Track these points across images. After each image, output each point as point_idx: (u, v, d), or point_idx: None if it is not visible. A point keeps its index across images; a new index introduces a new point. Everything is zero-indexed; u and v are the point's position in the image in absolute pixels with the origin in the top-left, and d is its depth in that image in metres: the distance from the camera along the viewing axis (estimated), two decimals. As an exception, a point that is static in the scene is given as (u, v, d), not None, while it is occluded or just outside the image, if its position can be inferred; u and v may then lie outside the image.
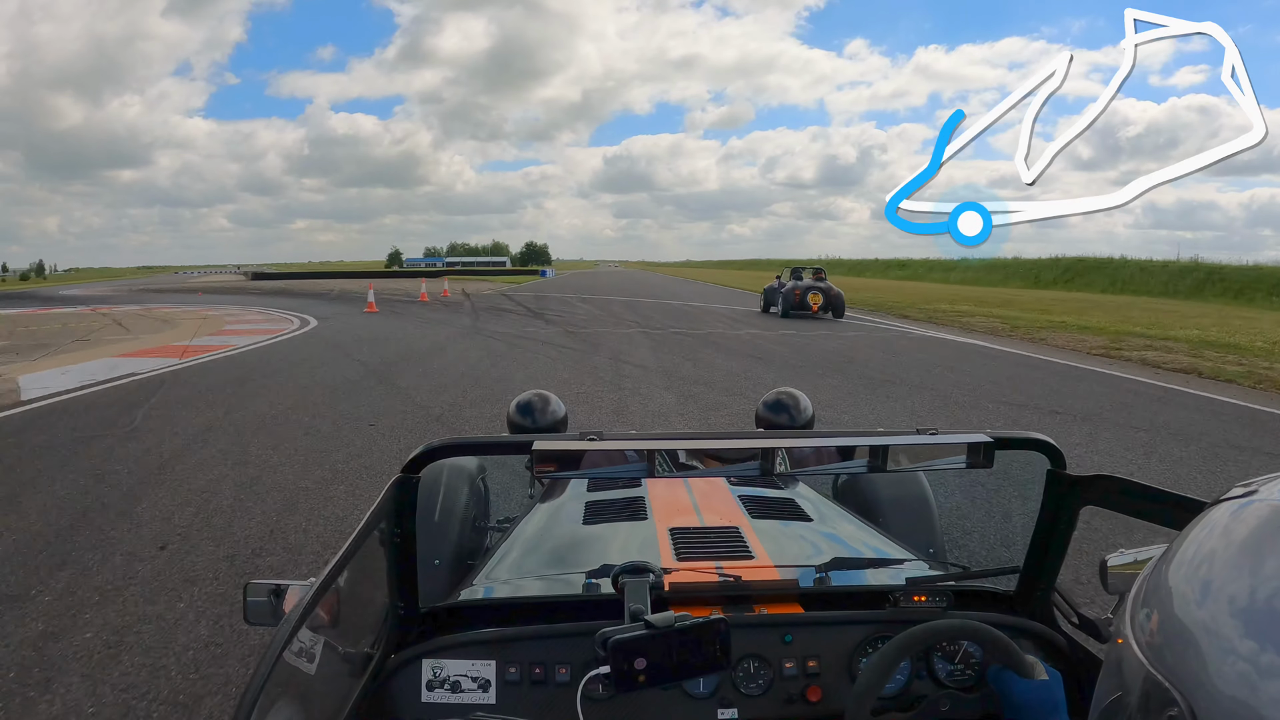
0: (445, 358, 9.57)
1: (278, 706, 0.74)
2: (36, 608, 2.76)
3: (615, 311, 18.30)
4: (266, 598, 1.00)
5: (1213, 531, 0.53)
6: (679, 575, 1.31)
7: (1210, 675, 0.44)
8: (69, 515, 3.76)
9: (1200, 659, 0.45)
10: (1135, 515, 1.06)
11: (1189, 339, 12.17)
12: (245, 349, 10.54)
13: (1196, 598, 0.49)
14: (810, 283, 17.12)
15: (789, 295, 16.71)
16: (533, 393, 2.61)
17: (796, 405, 2.54)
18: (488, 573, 1.65)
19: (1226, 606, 0.47)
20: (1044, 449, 1.16)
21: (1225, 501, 0.54)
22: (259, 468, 4.61)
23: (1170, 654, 0.48)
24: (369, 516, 1.00)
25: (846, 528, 1.80)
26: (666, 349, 10.67)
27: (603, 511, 1.75)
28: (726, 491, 1.85)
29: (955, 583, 1.30)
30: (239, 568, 3.14)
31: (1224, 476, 4.58)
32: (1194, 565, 0.52)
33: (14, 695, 2.22)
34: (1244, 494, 0.54)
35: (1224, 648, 0.45)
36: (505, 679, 1.14)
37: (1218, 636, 0.46)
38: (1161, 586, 0.53)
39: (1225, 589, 0.48)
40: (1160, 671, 0.47)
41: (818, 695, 1.17)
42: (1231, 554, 0.50)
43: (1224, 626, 0.46)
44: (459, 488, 2.13)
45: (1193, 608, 0.49)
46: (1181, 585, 0.51)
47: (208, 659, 2.41)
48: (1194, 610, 0.49)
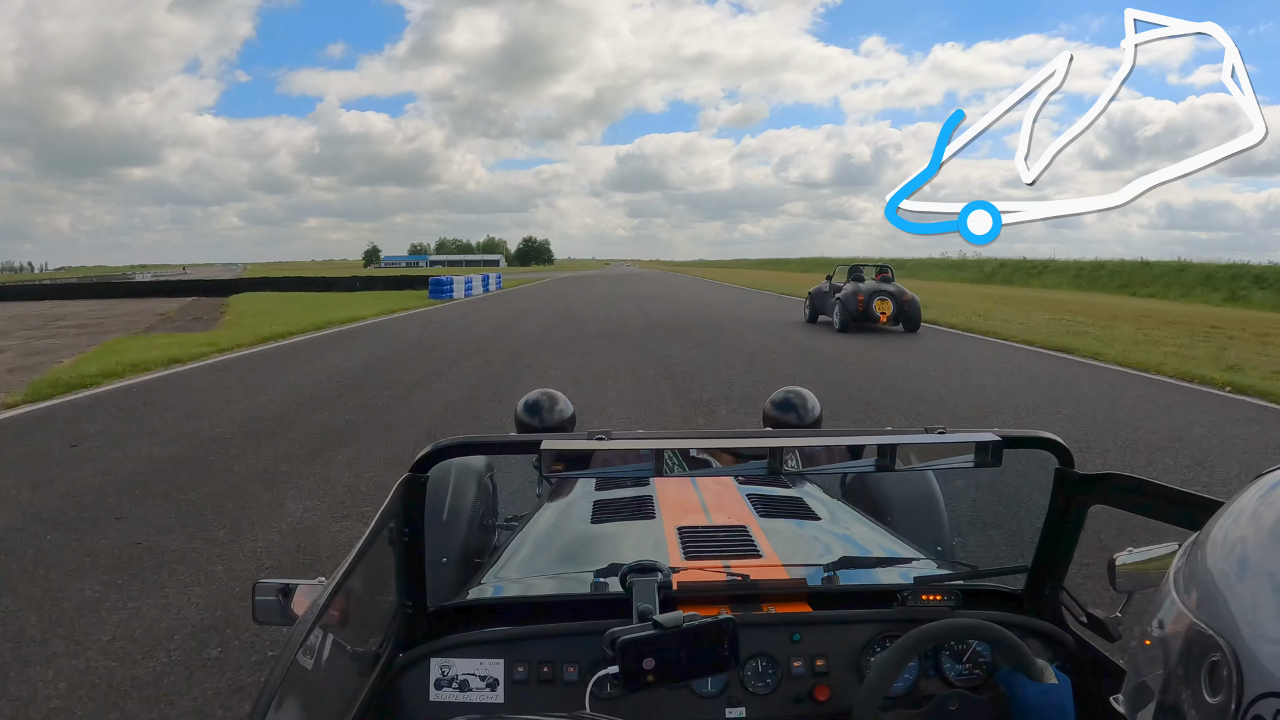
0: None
1: (288, 705, 0.74)
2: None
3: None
4: (275, 597, 1.01)
5: (1258, 493, 0.54)
6: (687, 574, 1.31)
7: (1254, 617, 0.45)
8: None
9: (1241, 602, 0.47)
10: (1144, 514, 1.05)
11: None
12: None
13: (1241, 551, 0.51)
14: (875, 285, 13.36)
15: (849, 302, 13.00)
16: (540, 392, 2.62)
17: (804, 404, 2.53)
18: (496, 572, 1.65)
19: (1269, 551, 0.48)
20: (1052, 448, 1.17)
21: (1272, 472, 0.56)
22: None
23: (1214, 604, 0.49)
24: (379, 516, 1.01)
25: (855, 527, 1.80)
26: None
27: (611, 510, 1.76)
28: (735, 490, 1.85)
29: (963, 582, 1.30)
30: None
31: None
32: (1236, 524, 0.53)
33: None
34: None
35: (1265, 589, 0.46)
36: (513, 678, 1.14)
37: (1260, 579, 0.47)
38: (1208, 544, 0.54)
39: (1267, 538, 0.49)
40: (1203, 619, 0.49)
41: (826, 694, 1.17)
42: (1276, 508, 0.51)
43: (1266, 570, 0.47)
44: (467, 486, 2.13)
45: (1237, 560, 0.50)
46: (1226, 541, 0.53)
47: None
48: (1239, 562, 0.50)
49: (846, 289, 13.49)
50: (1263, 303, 23.34)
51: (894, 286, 13.39)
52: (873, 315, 12.99)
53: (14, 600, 3.14)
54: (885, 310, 13.03)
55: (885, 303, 13.06)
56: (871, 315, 12.99)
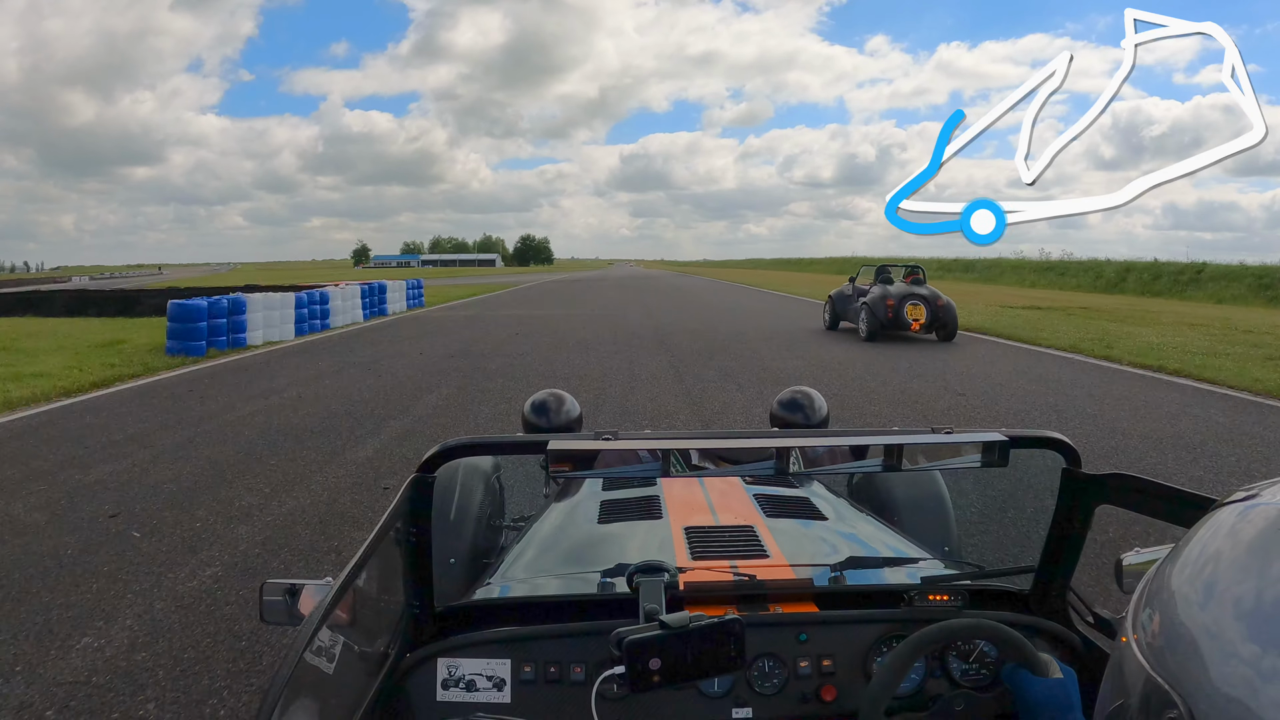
0: None
1: (296, 705, 0.75)
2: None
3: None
4: (282, 597, 1.01)
5: (1216, 534, 0.53)
6: (694, 574, 1.31)
7: (1211, 678, 0.44)
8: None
9: (1201, 662, 0.45)
10: (1150, 514, 1.05)
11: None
12: None
13: (1199, 600, 0.49)
14: (906, 288, 11.84)
15: (877, 307, 11.55)
16: (547, 392, 2.62)
17: (811, 404, 2.53)
18: (503, 572, 1.65)
19: (1230, 610, 0.47)
20: (1059, 447, 1.16)
21: (1229, 505, 0.54)
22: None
23: (1171, 657, 0.48)
24: (386, 517, 1.01)
25: (862, 526, 1.80)
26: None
27: (618, 510, 1.76)
28: (742, 490, 1.85)
29: (970, 582, 1.30)
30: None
31: None
32: (1197, 568, 0.52)
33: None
34: (1246, 497, 0.54)
35: (1225, 651, 0.45)
36: (520, 678, 1.14)
37: (1220, 639, 0.45)
38: (1164, 589, 0.53)
39: (1228, 592, 0.48)
40: (1161, 674, 0.47)
41: (832, 694, 1.17)
42: (1235, 557, 0.50)
43: (1226, 630, 0.46)
44: (474, 487, 2.13)
45: (1195, 610, 0.49)
46: (1184, 588, 0.51)
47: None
48: (1196, 613, 0.49)
49: (874, 292, 11.90)
50: None
51: (926, 289, 11.82)
52: (904, 322, 11.44)
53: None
54: (918, 317, 11.44)
55: (918, 308, 11.49)
56: (902, 322, 11.44)
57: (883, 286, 12.08)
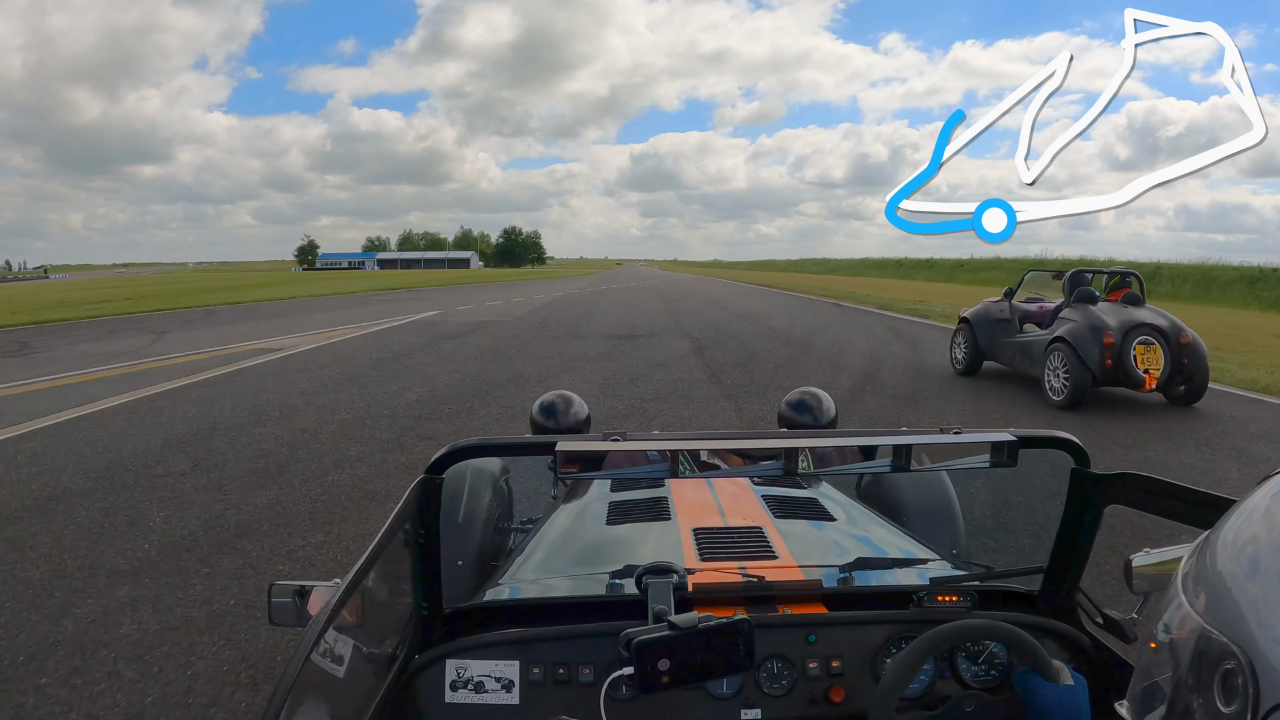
0: None
1: (304, 707, 0.74)
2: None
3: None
4: (291, 599, 1.00)
5: (1270, 492, 0.53)
6: (702, 575, 1.31)
7: (1269, 621, 0.44)
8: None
9: (1255, 607, 0.46)
10: (1161, 514, 1.04)
11: None
12: None
13: (1252, 551, 0.50)
14: (1127, 314, 6.45)
15: (1087, 347, 6.26)
16: (555, 394, 2.61)
17: (820, 405, 2.51)
18: (511, 573, 1.65)
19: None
20: (1068, 448, 1.16)
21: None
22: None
23: (1225, 608, 0.48)
24: (393, 518, 1.01)
25: (870, 527, 1.80)
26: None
27: (626, 512, 1.75)
28: (750, 491, 1.84)
29: (979, 583, 1.30)
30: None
31: None
32: (1248, 523, 0.52)
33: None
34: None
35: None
36: (529, 679, 1.14)
37: (1273, 581, 0.46)
38: (1217, 545, 0.53)
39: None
40: (1216, 626, 0.47)
41: (841, 696, 1.17)
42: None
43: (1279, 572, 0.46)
44: (482, 488, 2.12)
45: (1247, 560, 0.49)
46: (1236, 541, 0.52)
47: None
48: (1249, 562, 0.49)
49: (1071, 321, 6.60)
50: None
51: (1160, 316, 6.61)
52: (1131, 376, 6.23)
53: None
54: (1152, 366, 6.28)
55: (1152, 350, 6.29)
56: (1130, 375, 6.23)
57: (1083, 309, 6.65)
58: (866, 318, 15.53)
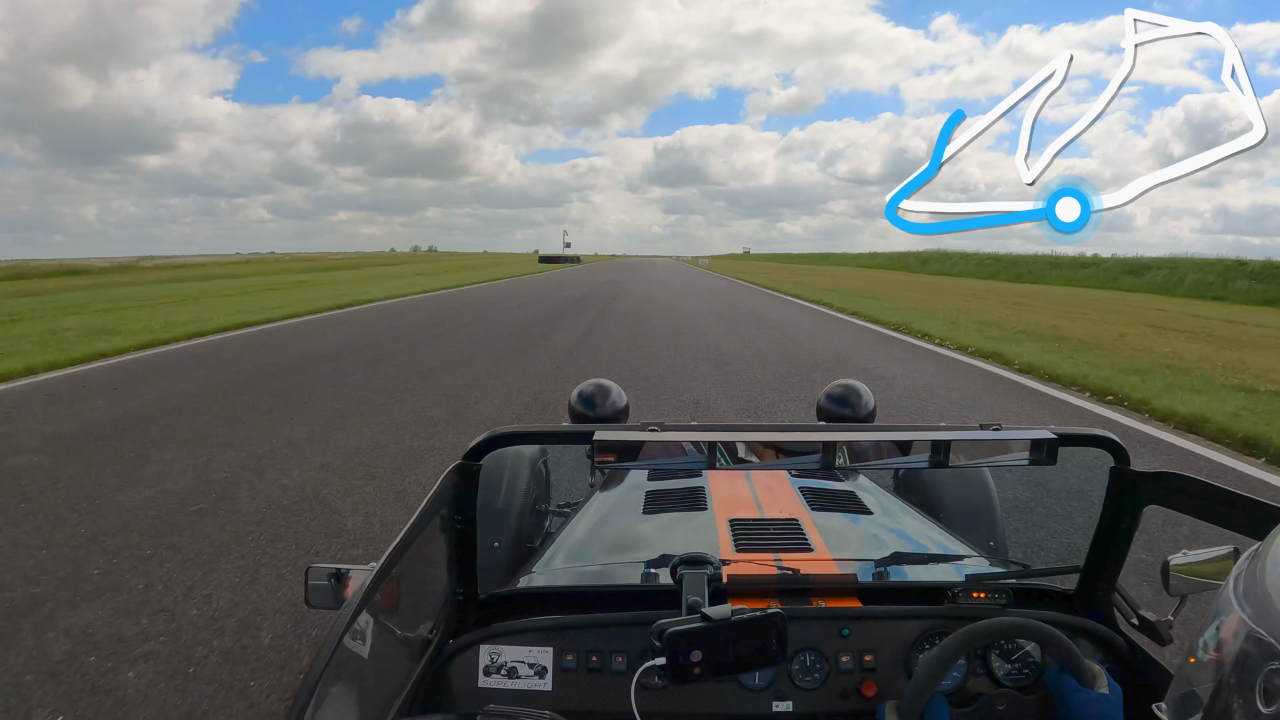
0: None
1: (337, 689, 0.74)
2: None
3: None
4: (327, 581, 1.01)
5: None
6: (737, 567, 1.31)
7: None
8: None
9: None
10: (1201, 517, 1.02)
11: None
12: None
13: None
14: None
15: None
16: (594, 382, 2.59)
17: (858, 398, 2.50)
18: (547, 560, 1.65)
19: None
20: (1108, 446, 1.15)
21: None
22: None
23: (1274, 610, 0.47)
24: (427, 502, 1.01)
25: (907, 522, 1.79)
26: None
27: (663, 501, 1.75)
28: (787, 483, 1.84)
29: (1015, 580, 1.29)
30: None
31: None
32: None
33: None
34: None
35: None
36: (562, 666, 1.15)
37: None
38: (1268, 555, 0.53)
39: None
40: (1263, 627, 0.47)
41: (873, 690, 1.17)
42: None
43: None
44: (520, 471, 2.12)
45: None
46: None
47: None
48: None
49: None
50: None
51: None
52: None
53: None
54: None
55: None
56: None
57: None
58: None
